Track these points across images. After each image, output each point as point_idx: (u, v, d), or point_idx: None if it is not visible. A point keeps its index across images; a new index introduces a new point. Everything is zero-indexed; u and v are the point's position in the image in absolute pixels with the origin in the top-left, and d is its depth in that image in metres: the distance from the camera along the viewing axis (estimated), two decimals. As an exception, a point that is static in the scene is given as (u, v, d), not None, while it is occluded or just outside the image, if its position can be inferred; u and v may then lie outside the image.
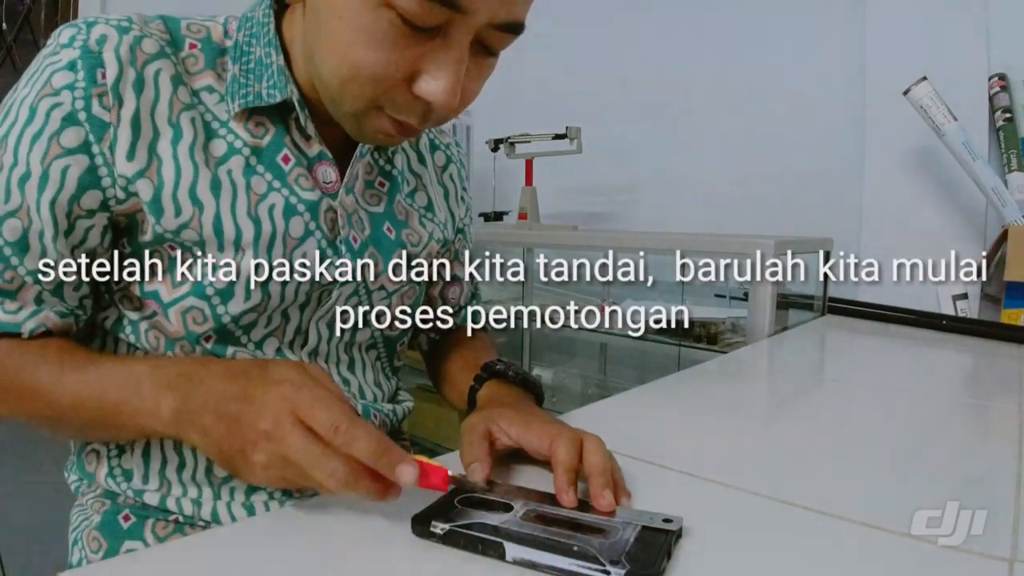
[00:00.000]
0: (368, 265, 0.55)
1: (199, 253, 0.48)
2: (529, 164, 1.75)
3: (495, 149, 1.82)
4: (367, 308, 0.58)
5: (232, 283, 0.48)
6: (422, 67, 0.42)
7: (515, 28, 0.43)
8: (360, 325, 0.59)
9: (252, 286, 0.49)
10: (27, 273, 0.46)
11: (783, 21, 1.57)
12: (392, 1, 0.39)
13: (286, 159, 0.51)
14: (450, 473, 0.39)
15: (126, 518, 0.53)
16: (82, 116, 0.44)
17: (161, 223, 0.46)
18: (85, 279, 0.49)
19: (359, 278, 0.55)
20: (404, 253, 0.59)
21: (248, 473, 0.39)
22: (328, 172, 0.53)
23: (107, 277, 0.50)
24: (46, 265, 0.46)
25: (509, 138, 1.76)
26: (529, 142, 1.72)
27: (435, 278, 0.70)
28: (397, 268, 0.58)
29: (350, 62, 0.42)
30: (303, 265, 0.51)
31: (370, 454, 0.36)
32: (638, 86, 1.83)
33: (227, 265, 0.48)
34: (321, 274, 0.52)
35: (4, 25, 1.81)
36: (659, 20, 1.78)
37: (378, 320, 0.60)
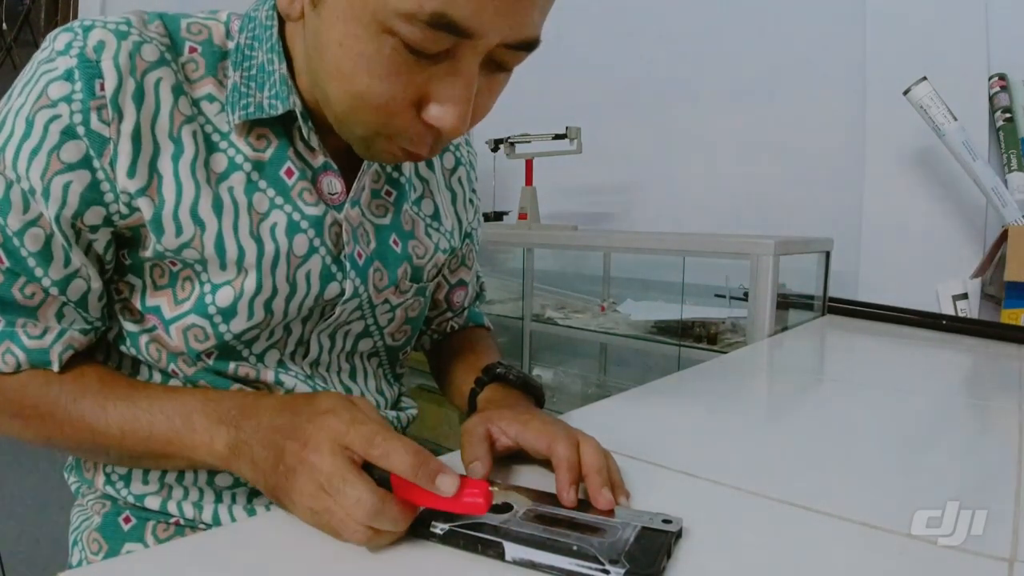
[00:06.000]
0: (372, 280, 0.55)
1: (201, 271, 0.47)
2: (529, 164, 1.75)
3: (495, 149, 1.82)
4: (371, 321, 0.58)
5: (235, 303, 0.47)
6: (430, 93, 0.40)
7: (529, 45, 0.40)
8: (362, 336, 0.58)
9: (255, 305, 0.48)
10: (52, 284, 0.45)
11: (783, 21, 1.57)
12: (394, 28, 0.36)
13: (289, 173, 0.49)
14: (492, 488, 0.37)
15: (127, 520, 0.53)
16: (81, 130, 0.42)
17: (162, 242, 0.45)
18: (105, 288, 0.48)
19: (362, 294, 0.54)
20: (409, 266, 0.58)
21: (289, 501, 0.38)
22: (333, 183, 0.51)
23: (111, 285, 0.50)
24: (71, 274, 0.45)
25: (509, 138, 1.76)
26: (529, 142, 1.72)
27: (441, 283, 0.70)
28: (402, 282, 0.57)
29: (354, 92, 0.40)
30: (307, 283, 0.50)
31: (408, 466, 0.35)
32: (638, 86, 1.83)
33: (229, 285, 0.47)
34: (325, 291, 0.51)
35: (4, 25, 1.81)
36: (659, 20, 1.78)
37: (380, 332, 0.60)
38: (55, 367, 0.46)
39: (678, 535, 0.37)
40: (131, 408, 0.45)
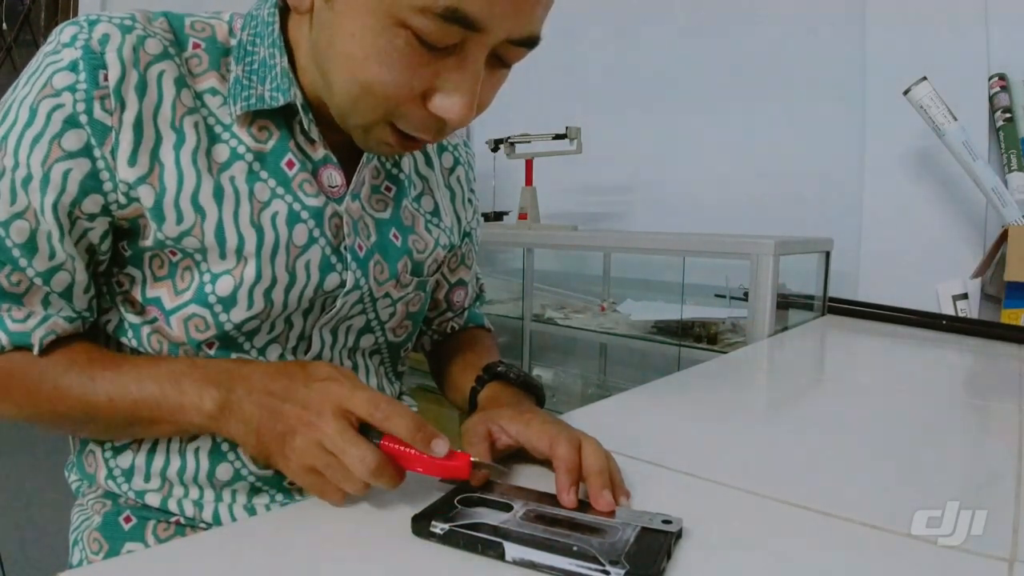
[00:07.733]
0: (373, 273, 0.55)
1: (201, 260, 0.47)
2: (529, 164, 1.75)
3: (495, 149, 1.82)
4: (372, 315, 0.58)
5: (235, 291, 0.48)
6: (437, 84, 0.42)
7: (531, 43, 0.43)
8: (364, 331, 0.59)
9: (255, 294, 0.48)
10: (36, 275, 0.45)
11: (783, 21, 1.57)
12: (407, 21, 0.38)
13: (290, 164, 0.50)
14: (472, 459, 0.41)
15: (127, 519, 0.53)
16: (83, 119, 0.43)
17: (163, 230, 0.46)
18: (92, 280, 0.49)
19: (364, 286, 0.54)
20: (410, 260, 0.58)
21: (283, 459, 0.41)
22: (333, 176, 0.52)
23: (108, 278, 0.50)
24: (56, 267, 0.46)
25: (509, 138, 1.76)
26: (529, 142, 1.72)
27: (441, 282, 0.70)
28: (403, 276, 0.58)
29: (363, 81, 0.41)
30: (307, 273, 0.51)
31: (409, 429, 0.39)
32: (638, 86, 1.83)
33: (229, 274, 0.48)
34: (325, 282, 0.52)
35: (4, 25, 1.81)
36: (659, 20, 1.78)
37: (382, 327, 0.60)
38: (35, 351, 0.47)
39: (678, 535, 0.37)
40: (119, 376, 0.46)
